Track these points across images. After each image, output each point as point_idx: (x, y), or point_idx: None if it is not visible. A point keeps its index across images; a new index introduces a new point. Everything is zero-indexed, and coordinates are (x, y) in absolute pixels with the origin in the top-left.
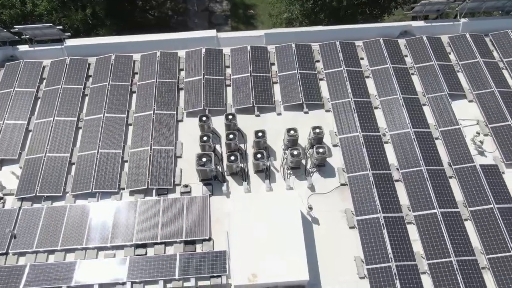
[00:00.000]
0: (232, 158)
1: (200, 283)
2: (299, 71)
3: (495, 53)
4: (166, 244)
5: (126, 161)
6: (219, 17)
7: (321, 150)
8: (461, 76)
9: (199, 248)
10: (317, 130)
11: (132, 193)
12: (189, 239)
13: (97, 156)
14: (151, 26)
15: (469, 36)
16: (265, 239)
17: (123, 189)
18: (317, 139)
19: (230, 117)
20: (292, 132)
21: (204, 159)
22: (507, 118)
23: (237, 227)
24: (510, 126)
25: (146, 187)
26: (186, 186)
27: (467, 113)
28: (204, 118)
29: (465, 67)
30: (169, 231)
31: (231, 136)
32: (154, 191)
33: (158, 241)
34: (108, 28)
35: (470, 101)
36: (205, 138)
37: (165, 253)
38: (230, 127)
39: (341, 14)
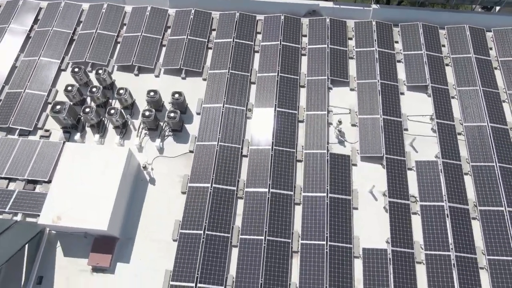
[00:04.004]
0: (87, 110)
1: (28, 219)
2: (188, 37)
3: (398, 44)
4: (10, 179)
5: (0, 100)
6: None
7: (172, 114)
8: (352, 63)
9: (38, 188)
10: (176, 96)
11: None
12: (31, 178)
13: None
14: None
15: (375, 23)
16: (83, 187)
17: None
18: (176, 104)
19: (100, 71)
20: (152, 93)
21: (58, 107)
22: (378, 110)
23: (62, 171)
24: (376, 119)
25: (8, 125)
26: (47, 131)
27: (344, 101)
28: (76, 70)
29: (359, 55)
30: (16, 168)
31: (93, 89)
32: (17, 131)
33: (3, 176)
34: None
35: (352, 89)
36: (69, 88)
37: (7, 187)
38: (100, 81)
39: None
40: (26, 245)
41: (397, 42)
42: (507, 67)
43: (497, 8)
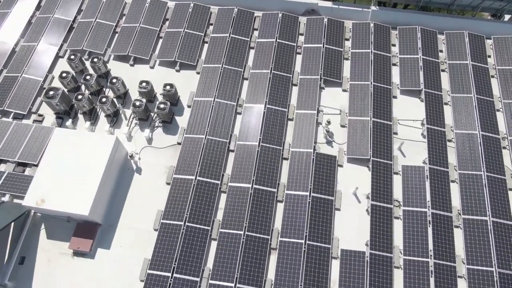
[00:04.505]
0: (79, 97)
1: (16, 200)
2: (185, 30)
3: (395, 48)
4: (1, 161)
5: None
6: None
7: (161, 106)
8: (347, 64)
9: (28, 171)
10: (167, 87)
11: None
12: (21, 161)
13: None
14: None
15: (373, 25)
16: (69, 172)
17: None
18: (167, 96)
19: (96, 60)
20: (144, 84)
21: (51, 93)
22: (368, 113)
23: (49, 156)
24: (366, 122)
25: (3, 108)
26: (40, 115)
27: (336, 101)
28: (72, 57)
29: (354, 56)
30: (8, 151)
31: (87, 77)
32: (12, 114)
33: None
34: None
35: (344, 90)
36: (64, 75)
37: None
38: (94, 69)
39: None
40: (12, 226)
41: (394, 45)
42: (504, 75)
43: (507, 16)
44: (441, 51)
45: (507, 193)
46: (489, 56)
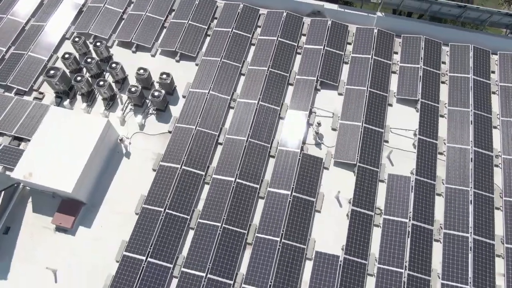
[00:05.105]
0: (78, 78)
1: (8, 172)
2: (189, 22)
3: (397, 55)
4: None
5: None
6: None
7: (156, 93)
8: (345, 68)
9: (23, 145)
10: (164, 76)
11: None
12: (17, 135)
13: None
14: None
15: (377, 31)
16: (58, 149)
17: None
18: (163, 85)
19: (98, 44)
20: (141, 71)
21: (52, 72)
22: (360, 118)
23: (42, 132)
24: (357, 127)
25: (6, 83)
26: (41, 93)
27: (330, 104)
28: (76, 39)
29: (354, 60)
30: (6, 124)
31: (88, 60)
32: (14, 90)
33: None
34: None
35: (340, 94)
36: (66, 56)
37: None
38: (97, 53)
39: None
40: (1, 196)
41: (396, 52)
42: (505, 92)
43: None
44: (444, 62)
45: (493, 211)
46: (493, 72)
